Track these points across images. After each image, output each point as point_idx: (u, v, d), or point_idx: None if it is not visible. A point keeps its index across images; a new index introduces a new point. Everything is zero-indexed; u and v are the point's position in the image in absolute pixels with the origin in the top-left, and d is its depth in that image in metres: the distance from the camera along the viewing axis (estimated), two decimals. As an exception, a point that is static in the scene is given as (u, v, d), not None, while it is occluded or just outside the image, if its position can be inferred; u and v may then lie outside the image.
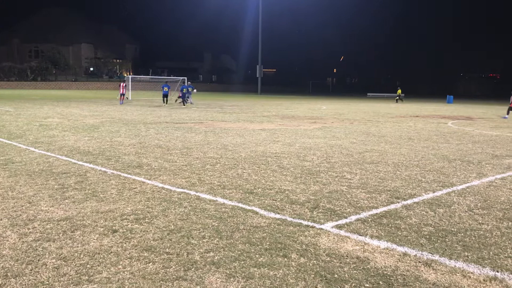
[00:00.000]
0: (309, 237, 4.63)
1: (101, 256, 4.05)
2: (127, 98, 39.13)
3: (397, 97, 48.99)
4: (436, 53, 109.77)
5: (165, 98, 31.88)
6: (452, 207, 5.92)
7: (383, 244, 4.50)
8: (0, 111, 22.06)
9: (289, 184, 7.07)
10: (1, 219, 5.01)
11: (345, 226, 5.04)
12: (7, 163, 8.32)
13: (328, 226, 5.02)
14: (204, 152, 10.14)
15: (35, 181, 6.87)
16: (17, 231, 4.62)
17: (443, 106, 41.28)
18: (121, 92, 33.02)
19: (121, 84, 34.02)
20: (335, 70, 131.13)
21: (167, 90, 32.09)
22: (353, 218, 5.34)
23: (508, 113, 25.30)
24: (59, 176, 7.25)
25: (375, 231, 4.87)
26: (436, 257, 4.20)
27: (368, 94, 53.72)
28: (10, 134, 12.65)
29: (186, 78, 47.35)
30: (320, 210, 5.62)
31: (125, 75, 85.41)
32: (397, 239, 4.65)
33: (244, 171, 8.05)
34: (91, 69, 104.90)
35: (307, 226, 5.00)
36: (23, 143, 10.92)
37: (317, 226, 5.00)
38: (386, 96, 69.21)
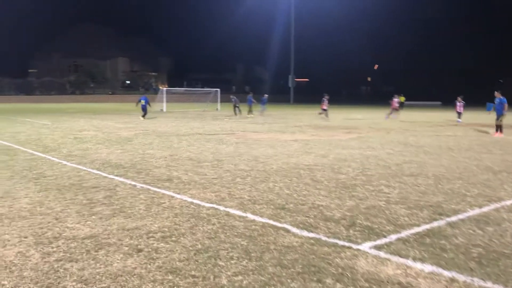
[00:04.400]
0: (346, 259, 4.28)
1: (124, 278, 3.84)
2: (161, 110, 39.52)
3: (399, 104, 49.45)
4: (473, 57, 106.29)
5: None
6: (503, 225, 5.42)
7: (427, 267, 4.10)
8: (38, 124, 22.65)
9: (323, 199, 6.72)
10: (27, 237, 4.90)
11: (385, 246, 4.66)
12: (39, 177, 8.34)
13: (366, 246, 4.65)
14: (235, 164, 9.90)
15: (64, 196, 6.79)
16: (40, 250, 4.49)
17: (482, 114, 39.72)
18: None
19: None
20: (369, 79, 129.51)
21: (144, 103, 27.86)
22: (393, 237, 4.94)
23: (391, 114, 30.33)
24: (88, 191, 7.16)
25: (418, 253, 4.47)
26: (489, 284, 3.76)
27: (405, 102, 53.04)
28: (45, 147, 12.83)
29: (219, 89, 47.64)
30: (357, 228, 5.25)
31: (161, 87, 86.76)
32: (443, 262, 4.23)
33: (276, 184, 7.75)
34: (128, 82, 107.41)
35: (343, 246, 4.64)
36: (56, 156, 11.00)
37: (354, 246, 4.64)
38: (422, 105, 67.52)
